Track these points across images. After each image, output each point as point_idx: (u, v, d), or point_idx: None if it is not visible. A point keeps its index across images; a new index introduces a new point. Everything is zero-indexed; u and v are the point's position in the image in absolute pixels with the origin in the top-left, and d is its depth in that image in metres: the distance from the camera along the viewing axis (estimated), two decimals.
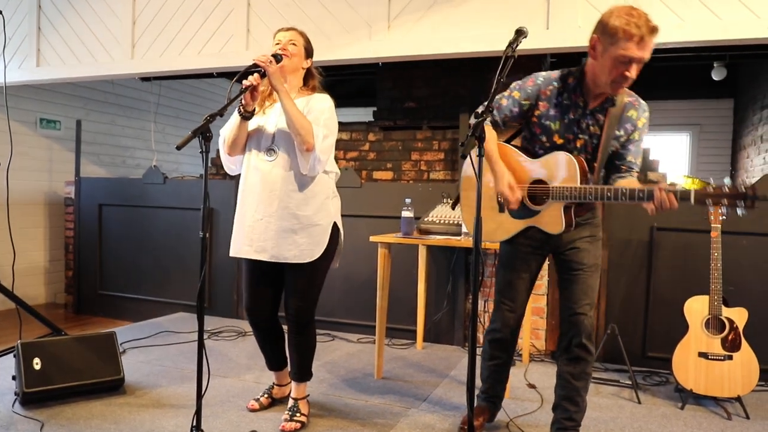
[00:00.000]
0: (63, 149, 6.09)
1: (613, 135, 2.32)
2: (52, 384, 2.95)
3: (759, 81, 6.33)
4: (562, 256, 2.49)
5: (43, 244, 5.95)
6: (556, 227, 2.34)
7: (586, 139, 2.36)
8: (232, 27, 4.20)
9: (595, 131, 2.34)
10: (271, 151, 2.65)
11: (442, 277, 4.33)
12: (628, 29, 2.07)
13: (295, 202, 2.62)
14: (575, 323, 2.42)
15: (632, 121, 2.34)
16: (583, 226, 2.46)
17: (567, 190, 2.27)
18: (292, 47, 2.67)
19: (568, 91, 2.34)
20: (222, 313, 5.04)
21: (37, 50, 4.90)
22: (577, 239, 2.45)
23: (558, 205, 2.32)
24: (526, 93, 2.39)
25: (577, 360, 2.45)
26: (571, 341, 2.44)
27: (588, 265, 2.43)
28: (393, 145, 4.96)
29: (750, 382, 3.03)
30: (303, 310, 2.72)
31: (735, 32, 3.13)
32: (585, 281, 2.43)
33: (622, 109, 2.31)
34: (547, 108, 2.37)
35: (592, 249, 2.45)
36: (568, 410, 2.50)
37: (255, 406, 2.97)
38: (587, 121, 2.34)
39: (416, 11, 3.72)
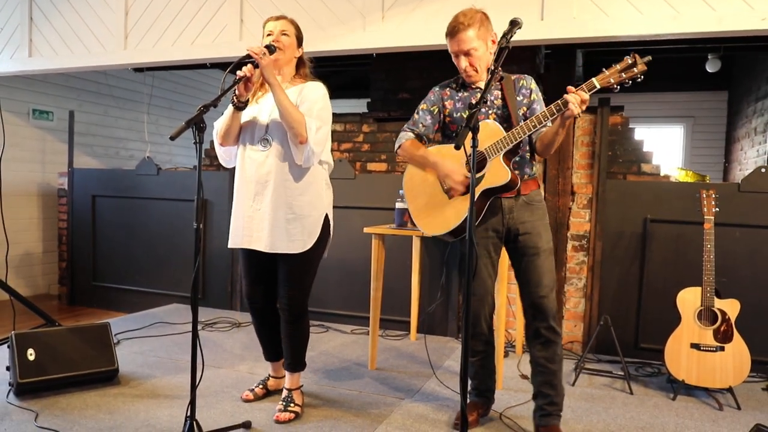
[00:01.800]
0: (56, 140, 6.05)
1: (516, 100, 2.52)
2: (46, 375, 2.95)
3: (753, 73, 6.34)
4: (516, 243, 2.55)
5: (37, 236, 5.93)
6: (503, 177, 2.40)
7: (496, 112, 2.53)
8: (225, 17, 4.17)
9: (499, 103, 2.53)
10: (265, 141, 2.66)
11: (435, 268, 4.34)
12: (447, 31, 2.48)
13: (289, 192, 2.63)
14: (539, 307, 2.50)
15: (526, 86, 2.56)
16: (533, 209, 2.54)
17: (499, 143, 2.39)
18: (284, 38, 2.65)
19: (460, 86, 2.62)
20: (216, 304, 5.04)
21: (29, 41, 4.86)
22: (526, 223, 2.52)
23: (497, 159, 2.42)
24: (431, 101, 2.67)
25: (548, 343, 2.51)
26: (539, 326, 2.51)
27: (543, 249, 2.52)
28: (387, 137, 4.95)
29: (741, 373, 3.05)
30: (296, 299, 2.74)
31: (729, 24, 3.13)
32: (542, 265, 2.51)
33: (513, 82, 2.55)
34: (453, 104, 2.62)
35: (544, 233, 2.54)
36: (548, 395, 2.55)
37: (249, 397, 2.97)
38: (489, 98, 2.54)
39: (410, 2, 3.71)
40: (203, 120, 2.23)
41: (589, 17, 3.36)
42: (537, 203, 2.57)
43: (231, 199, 4.87)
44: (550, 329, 2.50)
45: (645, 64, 2.20)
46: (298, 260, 2.68)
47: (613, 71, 2.22)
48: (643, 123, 7.63)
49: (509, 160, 2.45)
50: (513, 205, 2.53)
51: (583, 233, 4.05)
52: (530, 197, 2.55)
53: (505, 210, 2.53)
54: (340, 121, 5.12)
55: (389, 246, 4.01)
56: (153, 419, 2.71)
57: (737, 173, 6.64)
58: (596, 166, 3.99)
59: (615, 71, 2.22)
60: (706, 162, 7.50)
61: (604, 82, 2.22)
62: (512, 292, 3.86)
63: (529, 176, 2.57)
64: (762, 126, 5.80)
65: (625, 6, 3.31)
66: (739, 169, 6.64)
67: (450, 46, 2.49)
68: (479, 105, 2.05)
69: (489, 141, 2.41)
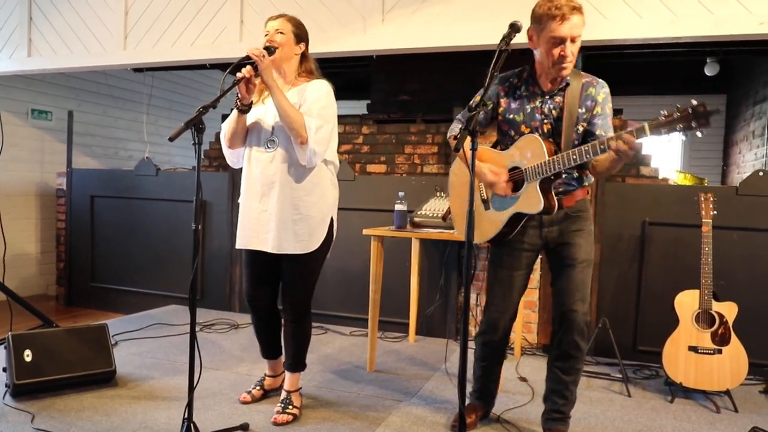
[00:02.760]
0: (54, 140, 6.05)
1: (576, 113, 2.36)
2: (43, 376, 2.94)
3: (752, 77, 6.36)
4: (554, 252, 2.50)
5: (35, 236, 5.92)
6: (535, 206, 2.33)
7: (551, 123, 2.40)
8: (225, 18, 4.17)
9: (558, 114, 2.39)
10: (271, 142, 2.66)
11: (434, 270, 4.34)
12: (550, 13, 2.22)
13: (295, 193, 2.64)
14: (567, 320, 2.41)
15: (592, 97, 2.38)
16: (574, 219, 2.46)
17: (538, 167, 2.30)
18: (279, 36, 2.63)
19: (524, 84, 2.45)
20: (214, 305, 5.03)
21: (29, 40, 4.86)
22: (568, 233, 2.45)
23: (533, 184, 2.34)
24: (489, 95, 2.48)
25: (567, 356, 2.45)
26: (563, 338, 2.44)
27: (580, 260, 2.43)
28: (386, 138, 4.95)
29: (739, 376, 3.06)
30: (300, 299, 2.75)
31: (727, 28, 3.14)
32: (577, 277, 2.42)
33: (581, 88, 2.38)
34: (508, 103, 2.48)
35: (583, 244, 2.45)
36: (557, 403, 2.54)
37: (247, 399, 2.97)
38: (548, 106, 2.40)
39: (411, 4, 3.72)
40: (202, 121, 2.22)
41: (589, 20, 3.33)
42: (580, 214, 2.47)
43: (230, 200, 4.91)
44: (572, 344, 2.42)
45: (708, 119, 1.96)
46: (304, 260, 2.69)
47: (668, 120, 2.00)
48: None
49: (546, 187, 2.34)
50: (553, 219, 2.45)
51: None
52: (573, 209, 2.46)
53: (545, 223, 2.46)
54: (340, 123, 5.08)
55: (388, 248, 4.01)
56: (150, 421, 2.70)
57: (735, 176, 6.65)
58: None
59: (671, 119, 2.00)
60: (704, 165, 7.52)
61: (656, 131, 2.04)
62: None
63: (576, 187, 2.45)
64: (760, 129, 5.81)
65: (624, 10, 3.31)
66: (737, 172, 6.65)
67: (556, 31, 2.22)
68: (478, 108, 2.03)
69: (531, 160, 2.33)
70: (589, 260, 2.46)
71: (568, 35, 2.23)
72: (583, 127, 2.40)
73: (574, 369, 2.48)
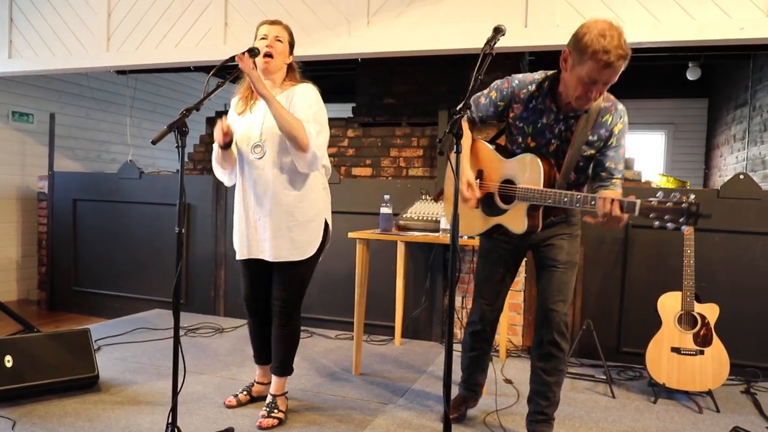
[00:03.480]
0: (36, 143, 5.97)
1: (586, 140, 2.29)
2: (24, 381, 2.91)
3: (733, 81, 6.45)
4: (538, 252, 2.53)
5: (16, 240, 5.84)
6: (518, 227, 2.36)
7: (558, 144, 2.35)
8: (209, 20, 4.16)
9: (568, 136, 2.32)
10: (260, 148, 2.64)
11: (420, 273, 4.35)
12: (596, 53, 2.04)
13: (288, 200, 2.65)
14: (547, 319, 2.45)
15: (607, 126, 2.29)
16: (559, 224, 2.48)
17: (530, 192, 2.27)
18: (278, 44, 2.63)
19: (542, 96, 2.35)
20: (199, 309, 5.00)
21: (9, 42, 4.80)
22: (552, 236, 2.47)
23: (522, 206, 2.33)
24: (501, 94, 2.43)
25: (548, 356, 2.48)
26: (544, 337, 2.47)
27: (562, 262, 2.45)
28: (372, 142, 4.96)
29: (720, 377, 3.09)
30: (291, 303, 2.75)
31: (709, 33, 3.19)
32: (559, 278, 2.44)
33: (597, 114, 2.27)
34: (520, 110, 2.40)
35: (567, 246, 2.46)
36: (540, 404, 2.55)
37: (233, 403, 2.95)
38: (560, 126, 2.33)
39: (395, 7, 3.72)
40: (186, 124, 2.22)
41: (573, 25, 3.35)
42: (567, 218, 2.47)
43: (214, 203, 4.88)
44: (553, 343, 2.44)
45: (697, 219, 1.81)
46: (298, 266, 2.70)
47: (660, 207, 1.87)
48: None
49: (533, 213, 2.33)
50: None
51: None
52: (560, 217, 2.47)
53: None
54: None
55: (374, 251, 4.01)
56: (134, 426, 2.68)
57: (717, 179, 6.74)
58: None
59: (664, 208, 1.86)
60: (686, 168, 7.60)
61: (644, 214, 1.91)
62: None
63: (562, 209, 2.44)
64: (741, 133, 5.89)
65: (607, 15, 3.34)
66: (718, 175, 6.73)
67: (594, 74, 2.09)
68: (462, 111, 2.02)
69: (525, 179, 2.32)
70: (572, 262, 2.47)
71: (606, 81, 2.12)
72: (590, 154, 2.35)
73: (556, 370, 2.50)
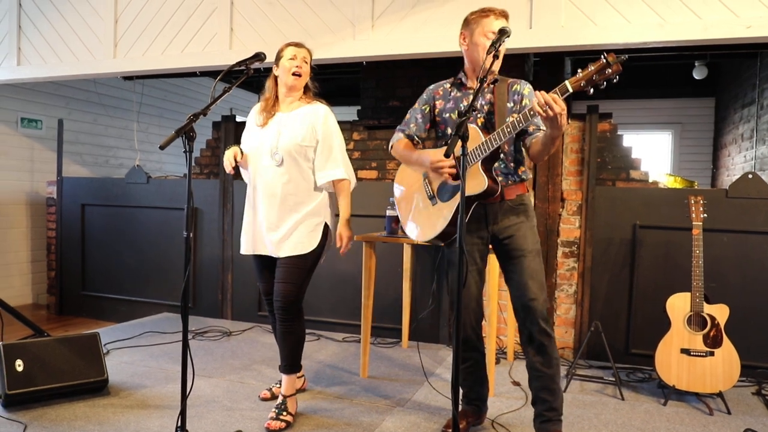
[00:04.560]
0: (45, 149, 6.02)
1: (506, 107, 2.50)
2: (35, 386, 2.93)
3: (739, 80, 6.41)
4: (502, 245, 2.55)
5: (25, 245, 5.88)
6: (480, 185, 2.38)
7: (484, 116, 2.54)
8: (215, 26, 4.17)
9: (489, 108, 2.53)
10: (278, 156, 2.82)
11: (426, 275, 4.35)
12: (482, 14, 2.49)
13: (293, 205, 2.83)
14: (529, 310, 2.47)
15: (518, 92, 2.52)
16: (516, 211, 2.54)
17: (477, 149, 2.37)
18: (305, 66, 2.88)
19: (457, 85, 2.65)
20: (207, 313, 5.01)
21: (18, 49, 4.84)
22: (512, 225, 2.52)
23: (476, 166, 2.40)
24: (423, 100, 2.73)
25: (542, 347, 2.49)
26: (531, 330, 2.48)
27: (528, 250, 2.50)
28: (377, 144, 4.96)
29: (731, 378, 3.07)
30: (292, 297, 2.79)
31: (715, 32, 3.17)
32: (529, 266, 2.49)
33: (507, 86, 2.54)
34: (443, 104, 2.66)
35: (530, 235, 2.53)
36: (547, 400, 2.52)
37: (267, 396, 3.12)
38: (480, 102, 2.54)
39: (400, 10, 3.73)
40: (193, 129, 2.24)
41: (577, 25, 3.39)
42: (522, 206, 2.56)
43: (221, 207, 4.90)
44: (542, 332, 2.47)
45: (620, 64, 2.08)
46: (296, 261, 2.80)
47: (586, 73, 2.12)
48: (631, 130, 7.70)
49: (488, 168, 2.44)
50: (497, 211, 2.53)
51: (573, 239, 4.07)
52: (516, 201, 2.54)
53: (489, 216, 2.54)
54: None
55: (380, 253, 4.01)
56: (143, 430, 2.69)
57: (725, 179, 6.70)
58: (585, 173, 4.02)
59: (588, 73, 2.12)
60: (694, 168, 7.56)
61: (577, 85, 2.13)
62: (503, 299, 3.87)
63: (515, 181, 2.56)
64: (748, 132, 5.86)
65: (613, 15, 3.34)
66: (726, 175, 6.69)
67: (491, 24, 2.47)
68: (468, 113, 2.05)
69: (470, 145, 2.39)
70: (537, 250, 2.53)
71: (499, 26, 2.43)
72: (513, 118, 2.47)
73: (552, 359, 2.50)
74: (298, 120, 2.84)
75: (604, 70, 2.09)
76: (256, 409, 2.96)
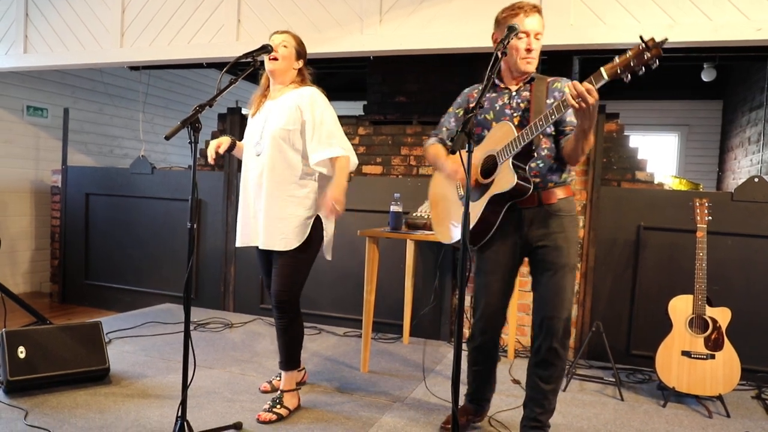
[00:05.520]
0: (50, 137, 6.03)
1: (544, 104, 2.38)
2: (36, 373, 2.94)
3: (748, 83, 6.38)
4: (535, 254, 2.44)
5: (29, 233, 5.90)
6: (509, 182, 2.26)
7: (520, 115, 2.44)
8: (222, 17, 4.17)
9: (526, 106, 2.42)
10: (258, 147, 2.81)
11: (429, 272, 4.34)
12: (512, 12, 2.38)
13: (281, 194, 2.76)
14: (546, 327, 2.36)
15: (559, 89, 2.41)
16: (555, 219, 2.40)
17: (509, 145, 2.28)
18: (282, 49, 2.80)
19: (492, 86, 2.52)
20: (209, 304, 5.02)
21: (25, 37, 4.84)
22: (549, 234, 2.39)
23: (506, 163, 2.30)
24: (457, 104, 2.67)
25: (546, 364, 2.40)
26: (542, 345, 2.39)
27: (560, 265, 2.37)
28: (383, 140, 4.95)
29: (731, 381, 3.07)
30: (284, 295, 2.78)
31: (725, 34, 3.15)
32: (557, 283, 2.36)
33: (547, 84, 2.44)
34: None
35: (565, 247, 2.38)
36: (534, 411, 2.48)
37: (267, 388, 3.11)
38: (516, 101, 2.45)
39: (408, 5, 3.72)
40: (198, 120, 2.24)
41: (586, 24, 3.38)
42: (562, 213, 2.41)
43: (225, 199, 4.91)
44: (552, 351, 2.37)
45: (660, 48, 1.93)
46: (289, 257, 2.77)
47: (624, 59, 1.96)
48: (637, 130, 7.67)
49: (520, 165, 2.30)
50: (534, 216, 2.40)
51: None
52: (555, 207, 2.40)
53: (525, 221, 2.41)
54: None
55: (383, 249, 4.01)
56: (143, 419, 2.70)
57: (731, 182, 6.68)
58: (591, 173, 4.01)
59: (625, 59, 1.96)
60: (700, 170, 7.54)
61: (613, 72, 1.98)
62: None
63: (556, 184, 2.42)
64: (756, 136, 5.84)
65: (622, 14, 3.32)
66: (732, 178, 6.67)
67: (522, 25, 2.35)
68: (474, 110, 2.03)
69: (501, 144, 2.32)
70: (570, 265, 2.39)
71: (531, 30, 2.36)
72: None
73: (553, 378, 2.43)
74: (285, 105, 2.77)
75: (643, 54, 1.94)
76: (256, 401, 2.96)
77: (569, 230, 2.41)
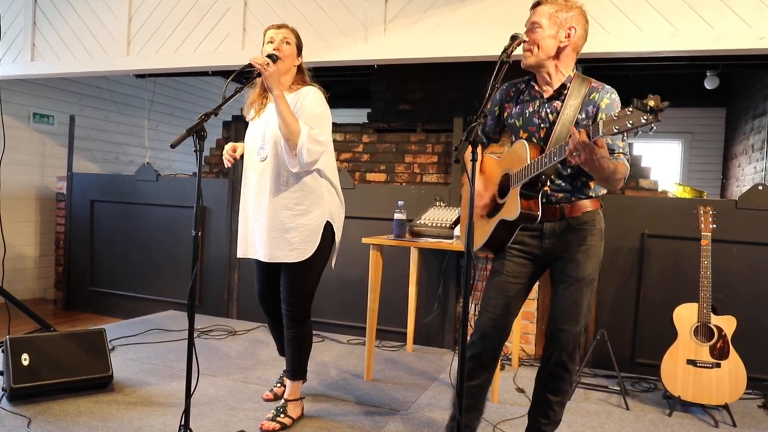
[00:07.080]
0: (56, 144, 6.05)
1: (574, 118, 2.22)
2: (40, 380, 2.94)
3: (751, 91, 6.38)
4: (554, 266, 2.38)
5: (34, 239, 5.92)
6: (512, 212, 2.21)
7: (546, 128, 2.30)
8: (228, 26, 4.19)
9: (554, 118, 2.28)
10: (263, 151, 2.71)
11: (433, 279, 4.34)
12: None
13: (285, 202, 2.67)
14: (556, 339, 2.30)
15: (594, 102, 2.24)
16: (578, 233, 2.32)
17: (519, 172, 2.21)
18: (286, 47, 2.67)
19: (528, 88, 2.39)
20: (213, 311, 5.03)
21: (32, 45, 4.88)
22: (570, 247, 2.32)
23: (515, 190, 2.24)
24: (494, 101, 2.48)
25: (554, 376, 2.35)
26: (551, 356, 2.33)
27: (577, 278, 2.28)
28: (387, 147, 4.96)
29: (737, 390, 3.05)
30: (295, 306, 2.76)
31: (728, 42, 3.16)
32: (572, 296, 2.28)
33: (584, 94, 2.25)
34: (511, 108, 2.43)
35: (584, 261, 2.29)
36: (539, 421, 2.43)
37: (270, 396, 3.08)
38: (546, 110, 2.31)
39: (413, 14, 3.73)
40: (204, 128, 2.24)
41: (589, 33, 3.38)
42: (586, 227, 2.32)
43: (229, 207, 4.92)
44: (561, 364, 2.29)
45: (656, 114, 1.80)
46: (298, 268, 2.71)
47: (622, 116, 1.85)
48: (641, 138, 7.66)
49: (527, 194, 2.21)
50: (555, 229, 2.32)
51: None
52: (579, 220, 2.31)
53: (546, 233, 2.33)
54: (340, 131, 5.14)
55: (387, 256, 4.01)
56: (147, 427, 2.69)
57: (734, 190, 6.66)
58: None
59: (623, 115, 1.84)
60: (703, 178, 7.53)
61: (608, 129, 1.85)
62: None
63: (580, 197, 2.32)
64: (759, 143, 5.83)
65: (625, 23, 3.33)
66: (736, 185, 6.66)
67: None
68: (478, 119, 1.99)
69: (515, 166, 2.25)
70: (588, 279, 2.29)
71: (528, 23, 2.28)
72: None
73: (560, 390, 2.37)
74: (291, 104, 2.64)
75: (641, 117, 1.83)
76: (259, 410, 2.96)
77: (591, 243, 2.33)
